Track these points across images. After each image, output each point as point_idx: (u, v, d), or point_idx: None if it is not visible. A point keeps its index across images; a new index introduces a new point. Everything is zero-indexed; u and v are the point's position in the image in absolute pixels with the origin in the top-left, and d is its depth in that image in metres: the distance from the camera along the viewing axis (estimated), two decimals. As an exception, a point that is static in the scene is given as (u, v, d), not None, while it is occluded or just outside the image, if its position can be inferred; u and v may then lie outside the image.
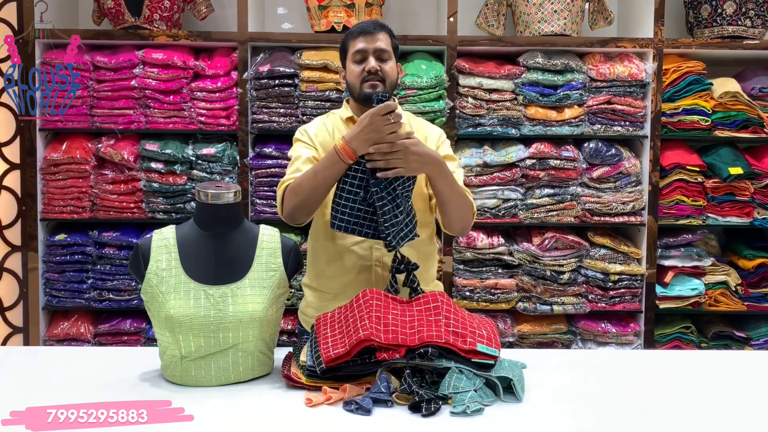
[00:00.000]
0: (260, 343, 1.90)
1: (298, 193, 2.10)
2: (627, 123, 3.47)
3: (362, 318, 1.80)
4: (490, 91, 3.42)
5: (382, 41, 2.23)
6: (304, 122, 2.88)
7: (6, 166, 3.43)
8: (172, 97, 3.39)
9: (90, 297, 3.42)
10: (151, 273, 1.88)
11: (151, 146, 3.38)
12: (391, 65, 2.24)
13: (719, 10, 3.54)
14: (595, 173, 3.45)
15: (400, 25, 3.80)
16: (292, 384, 1.83)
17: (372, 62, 2.20)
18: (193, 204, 3.40)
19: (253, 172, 3.42)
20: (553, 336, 3.49)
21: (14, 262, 3.46)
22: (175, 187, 3.39)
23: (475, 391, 1.71)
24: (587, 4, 3.64)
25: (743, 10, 3.52)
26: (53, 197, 3.41)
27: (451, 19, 3.41)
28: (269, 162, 3.39)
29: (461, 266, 3.44)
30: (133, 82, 3.37)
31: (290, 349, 2.01)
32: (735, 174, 3.45)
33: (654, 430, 1.66)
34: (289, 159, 2.29)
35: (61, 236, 3.42)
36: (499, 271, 3.45)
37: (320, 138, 2.29)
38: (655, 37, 3.43)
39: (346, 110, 2.32)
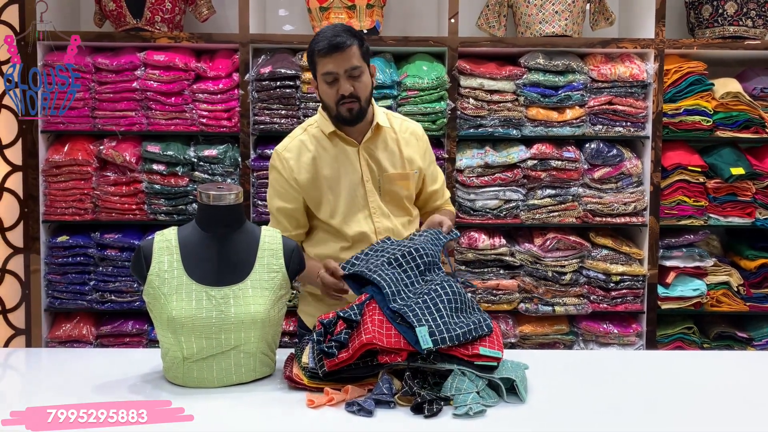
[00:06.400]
0: (262, 344, 1.90)
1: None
2: (628, 123, 3.47)
3: (365, 321, 1.80)
4: (492, 92, 3.42)
5: (353, 57, 2.12)
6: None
7: (8, 168, 3.43)
8: (173, 98, 3.39)
9: (92, 299, 3.42)
10: (153, 274, 1.88)
11: (153, 148, 3.38)
12: (364, 80, 2.16)
13: (720, 11, 3.54)
14: (597, 174, 3.44)
15: (402, 26, 3.80)
16: (294, 385, 1.83)
17: (345, 86, 2.13)
18: (194, 205, 3.40)
19: (254, 174, 3.42)
20: (554, 337, 3.48)
21: (16, 264, 3.46)
22: (177, 188, 3.39)
23: (478, 393, 1.70)
24: (588, 4, 3.64)
25: (744, 10, 3.52)
26: (55, 199, 3.41)
27: (452, 21, 3.40)
28: (271, 163, 3.39)
29: (463, 267, 3.44)
30: (134, 84, 3.37)
31: (292, 350, 2.01)
32: (737, 174, 3.44)
33: (656, 431, 1.66)
34: None
35: (63, 238, 3.42)
36: (501, 271, 3.45)
37: (302, 170, 2.24)
38: (656, 38, 3.42)
39: (326, 122, 2.26)
